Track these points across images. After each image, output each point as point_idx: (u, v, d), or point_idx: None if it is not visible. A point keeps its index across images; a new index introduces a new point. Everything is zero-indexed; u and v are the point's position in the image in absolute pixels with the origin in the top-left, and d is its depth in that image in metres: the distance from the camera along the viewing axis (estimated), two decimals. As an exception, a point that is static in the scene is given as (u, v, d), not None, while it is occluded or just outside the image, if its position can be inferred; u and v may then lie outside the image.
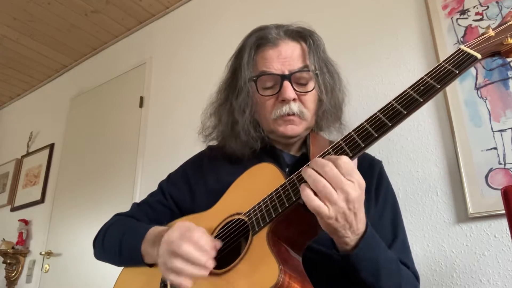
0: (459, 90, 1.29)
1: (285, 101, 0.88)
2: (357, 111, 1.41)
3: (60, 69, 3.28)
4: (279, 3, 1.95)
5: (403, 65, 1.44)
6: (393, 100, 0.63)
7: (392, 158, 1.36)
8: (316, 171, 0.60)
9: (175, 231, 0.70)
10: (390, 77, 1.46)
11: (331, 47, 1.04)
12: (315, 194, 0.60)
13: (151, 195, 1.04)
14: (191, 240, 0.66)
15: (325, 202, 0.59)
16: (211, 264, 0.66)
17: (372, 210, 0.84)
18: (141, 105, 2.45)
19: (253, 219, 0.70)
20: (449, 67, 0.62)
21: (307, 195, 0.60)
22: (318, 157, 0.65)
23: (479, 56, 0.61)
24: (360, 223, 0.63)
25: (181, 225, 0.71)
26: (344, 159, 0.60)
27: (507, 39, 0.62)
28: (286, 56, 0.90)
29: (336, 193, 0.58)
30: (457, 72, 0.61)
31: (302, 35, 0.94)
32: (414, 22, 1.47)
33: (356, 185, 0.60)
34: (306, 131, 0.94)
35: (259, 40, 0.94)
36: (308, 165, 0.64)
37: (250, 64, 0.93)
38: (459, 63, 0.61)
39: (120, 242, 0.89)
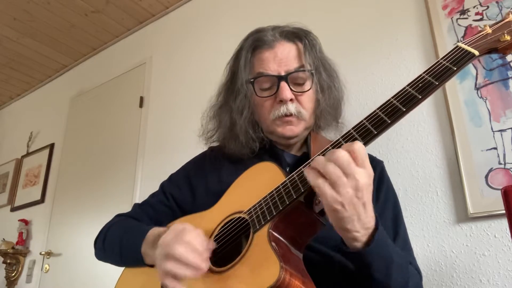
0: (459, 90, 1.29)
1: (282, 102, 0.89)
2: (356, 111, 1.40)
3: (60, 69, 3.28)
4: (278, 4, 1.96)
5: (403, 65, 1.45)
6: (392, 97, 0.63)
7: (392, 158, 1.37)
8: (328, 159, 0.59)
9: (169, 233, 0.70)
10: (390, 78, 1.46)
11: (331, 48, 1.04)
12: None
13: (153, 195, 1.05)
14: (184, 241, 0.66)
15: (333, 186, 0.57)
16: (205, 265, 0.66)
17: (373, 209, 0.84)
18: (141, 105, 2.45)
19: (254, 217, 0.70)
20: (447, 64, 0.62)
21: (310, 172, 0.60)
22: (319, 154, 0.65)
23: (476, 53, 0.62)
24: (369, 216, 0.61)
25: (176, 227, 0.71)
26: (358, 145, 0.59)
27: (504, 36, 0.62)
28: (282, 57, 0.91)
29: (345, 178, 0.57)
30: (455, 69, 0.61)
31: (297, 36, 0.95)
32: (414, 22, 1.47)
33: (366, 173, 0.58)
34: (305, 131, 0.94)
35: (255, 42, 0.95)
36: (313, 160, 0.63)
37: (247, 66, 0.94)
38: (457, 60, 0.62)
39: (120, 242, 0.89)
